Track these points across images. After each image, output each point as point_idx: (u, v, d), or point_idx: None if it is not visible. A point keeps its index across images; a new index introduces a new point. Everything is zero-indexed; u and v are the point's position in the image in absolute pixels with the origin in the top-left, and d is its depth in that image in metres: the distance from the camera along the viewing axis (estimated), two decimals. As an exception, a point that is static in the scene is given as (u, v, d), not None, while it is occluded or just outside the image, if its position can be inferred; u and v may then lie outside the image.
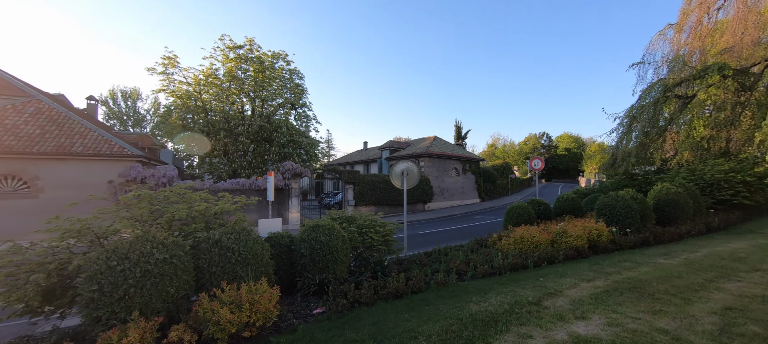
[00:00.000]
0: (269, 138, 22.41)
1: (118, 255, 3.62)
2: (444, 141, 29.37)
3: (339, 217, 6.99)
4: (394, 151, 29.04)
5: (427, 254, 7.92)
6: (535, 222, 9.24)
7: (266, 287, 4.01)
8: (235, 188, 16.35)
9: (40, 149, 12.89)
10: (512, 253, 6.72)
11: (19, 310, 3.83)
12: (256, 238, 4.74)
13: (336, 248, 5.45)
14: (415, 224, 17.99)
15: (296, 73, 24.04)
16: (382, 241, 6.52)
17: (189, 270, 4.14)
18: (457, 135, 42.63)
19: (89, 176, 13.63)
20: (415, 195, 22.82)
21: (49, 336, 3.76)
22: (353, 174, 19.50)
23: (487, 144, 77.92)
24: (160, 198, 5.05)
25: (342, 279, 5.50)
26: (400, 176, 8.93)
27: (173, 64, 20.60)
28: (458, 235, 13.83)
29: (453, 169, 27.07)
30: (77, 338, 3.67)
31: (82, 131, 14.26)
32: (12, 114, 13.67)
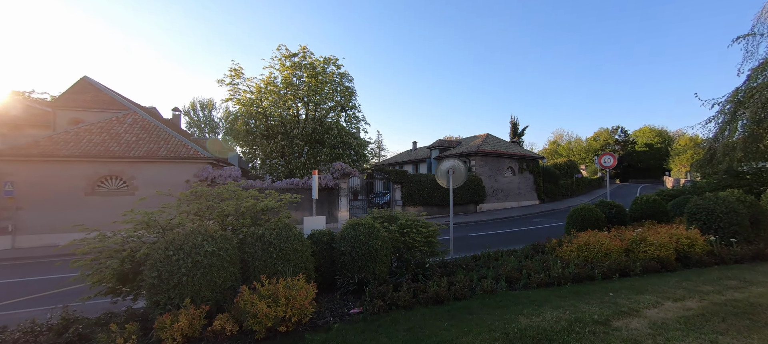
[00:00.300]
0: (321, 140, 23.47)
1: (175, 246, 3.96)
2: (497, 139, 27.66)
3: (380, 216, 6.89)
4: (443, 150, 28.23)
5: (474, 258, 7.40)
6: (604, 227, 8.04)
7: (303, 283, 4.04)
8: (289, 187, 17.37)
9: (135, 153, 15.18)
10: (575, 261, 5.89)
11: (104, 290, 4.44)
12: (297, 235, 4.84)
13: (375, 248, 5.33)
14: (465, 226, 17.18)
15: (346, 76, 24.81)
16: (424, 242, 6.24)
17: (235, 263, 4.37)
18: (513, 132, 39.89)
19: (172, 176, 15.65)
20: (466, 195, 21.84)
21: (123, 314, 4.27)
22: (401, 174, 19.37)
23: (549, 141, 71.62)
24: (213, 195, 5.46)
25: (381, 279, 5.36)
26: (446, 175, 8.51)
27: (238, 75, 22.70)
28: (512, 239, 12.80)
29: (508, 168, 25.34)
30: (143, 319, 4.10)
31: (166, 138, 16.47)
32: (115, 124, 16.37)
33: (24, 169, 13.94)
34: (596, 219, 8.16)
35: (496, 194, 24.18)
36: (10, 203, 13.70)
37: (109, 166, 14.94)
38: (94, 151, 14.75)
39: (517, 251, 7.92)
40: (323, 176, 17.78)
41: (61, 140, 14.75)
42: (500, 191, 24.47)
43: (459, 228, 16.48)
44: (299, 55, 23.23)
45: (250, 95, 22.61)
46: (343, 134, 23.66)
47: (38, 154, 13.95)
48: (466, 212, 22.11)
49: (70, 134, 15.17)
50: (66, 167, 14.39)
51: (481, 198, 22.85)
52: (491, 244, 11.55)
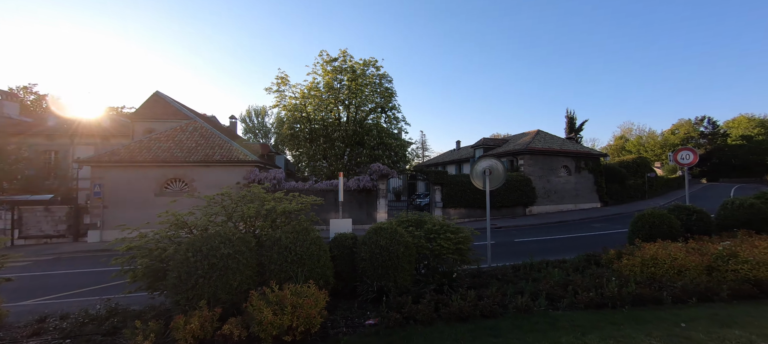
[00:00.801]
0: (361, 141, 23.72)
1: (194, 248, 4.07)
2: (550, 135, 25.32)
3: (407, 220, 6.54)
4: (488, 149, 26.70)
5: (514, 269, 6.66)
6: (680, 237, 6.68)
7: (314, 290, 3.88)
8: (328, 188, 17.78)
9: (194, 158, 16.77)
10: (636, 279, 4.92)
11: (144, 285, 4.77)
12: (314, 238, 4.73)
13: (396, 255, 5.01)
14: (511, 231, 15.93)
15: (385, 77, 24.74)
16: (453, 249, 5.73)
17: (252, 266, 4.38)
18: (570, 128, 36.34)
19: (225, 178, 16.96)
20: (513, 197, 20.31)
21: (152, 311, 4.54)
22: (441, 175, 18.67)
23: (614, 136, 63.89)
24: (240, 198, 5.61)
25: (403, 288, 5.01)
26: (482, 175, 7.84)
27: (284, 83, 23.87)
28: (565, 247, 11.48)
29: (562, 167, 23.04)
30: (168, 317, 4.29)
31: (220, 143, 17.95)
32: (179, 133, 18.28)
33: (109, 173, 16.21)
34: (669, 227, 6.81)
35: (548, 195, 22.13)
36: (98, 202, 16.02)
37: (174, 170, 16.70)
38: (161, 157, 16.61)
39: (566, 261, 6.96)
40: (362, 178, 17.87)
41: (136, 148, 16.89)
42: (553, 192, 22.33)
43: (504, 233, 15.32)
44: (339, 60, 23.72)
45: (295, 100, 23.61)
46: (382, 135, 23.63)
47: (118, 160, 16.11)
48: (514, 216, 20.55)
49: (144, 143, 17.30)
50: (140, 171, 16.41)
51: (530, 200, 21.08)
52: (538, 252, 10.46)
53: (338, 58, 23.62)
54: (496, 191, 19.55)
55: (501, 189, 19.66)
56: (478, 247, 11.66)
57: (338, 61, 23.64)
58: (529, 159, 21.72)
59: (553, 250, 10.83)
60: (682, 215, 7.49)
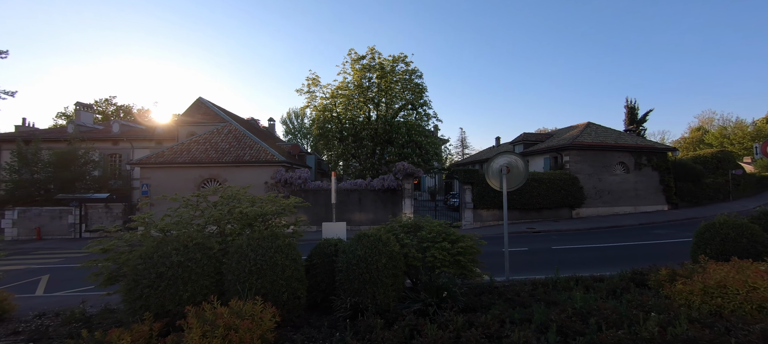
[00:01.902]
0: (390, 140, 23.13)
1: (144, 255, 3.80)
2: (603, 128, 22.34)
3: (405, 224, 5.78)
4: (529, 145, 24.44)
5: (533, 285, 5.55)
6: (765, 256, 5.01)
7: (259, 308, 3.36)
8: (352, 188, 17.47)
9: (227, 159, 17.57)
10: (694, 313, 3.65)
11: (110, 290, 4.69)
12: (280, 246, 4.23)
13: (376, 267, 4.32)
14: (550, 237, 14.16)
15: (415, 73, 23.83)
16: (450, 261, 4.87)
17: (209, 275, 4.02)
18: (630, 119, 31.97)
19: (254, 177, 17.53)
20: (556, 198, 18.18)
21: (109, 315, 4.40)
22: (471, 173, 17.32)
23: (690, 128, 55.03)
24: (214, 200, 5.34)
25: (383, 306, 4.31)
26: (499, 174, 6.75)
27: (315, 83, 24.09)
28: (612, 258, 9.74)
29: (618, 164, 20.14)
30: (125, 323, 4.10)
31: (250, 145, 18.61)
32: (215, 135, 19.34)
33: (154, 173, 17.64)
34: (750, 240, 5.14)
35: (600, 196, 19.48)
36: (146, 200, 17.50)
37: (209, 170, 17.66)
38: (198, 158, 17.66)
39: (603, 279, 5.65)
40: (386, 177, 17.28)
41: (177, 150, 18.17)
42: (606, 192, 19.60)
43: (541, 239, 13.65)
44: (367, 57, 23.33)
45: (326, 100, 23.71)
46: (412, 133, 22.79)
47: (162, 162, 17.45)
48: (557, 219, 18.41)
49: (184, 145, 18.56)
50: (181, 171, 17.60)
51: (577, 201, 18.72)
52: (577, 264, 9.01)
53: (366, 56, 23.25)
54: (536, 191, 17.78)
55: (541, 189, 17.73)
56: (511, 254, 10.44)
57: (366, 59, 23.28)
58: (576, 155, 19.30)
59: (595, 262, 9.22)
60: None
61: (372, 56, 23.27)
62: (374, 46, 23.08)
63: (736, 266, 4.21)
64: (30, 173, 18.50)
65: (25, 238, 17.89)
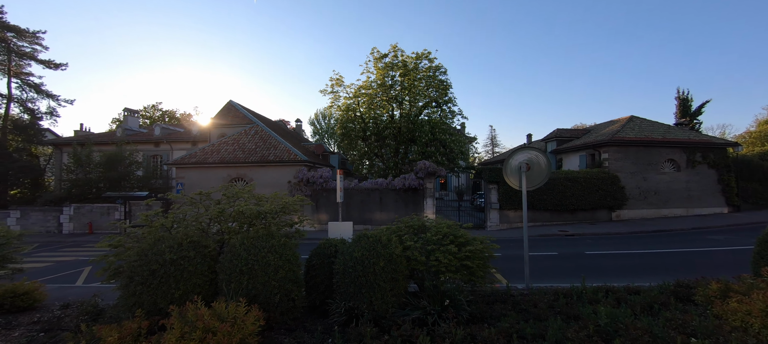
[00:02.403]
0: (413, 138, 22.71)
1: (141, 251, 3.83)
2: (648, 122, 20.29)
3: (412, 225, 5.44)
4: (563, 141, 22.86)
5: (555, 295, 4.99)
6: None
7: (241, 311, 3.22)
8: (373, 187, 17.30)
9: (253, 159, 18.16)
10: (751, 339, 2.98)
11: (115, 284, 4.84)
12: (273, 245, 4.10)
13: (373, 270, 4.05)
14: (585, 240, 13.04)
15: (439, 69, 23.22)
16: (457, 266, 4.47)
17: (202, 274, 3.98)
18: (682, 111, 28.88)
19: (278, 177, 17.98)
20: (593, 199, 16.76)
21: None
22: (497, 172, 16.44)
23: (757, 120, 48.54)
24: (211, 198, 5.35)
25: (381, 312, 4.03)
26: (518, 172, 6.18)
27: (339, 83, 24.22)
28: (655, 266, 8.69)
29: (667, 161, 18.18)
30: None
31: (275, 145, 19.10)
32: (243, 136, 20.09)
33: (188, 173, 18.66)
34: None
35: (645, 197, 17.69)
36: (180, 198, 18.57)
37: (237, 169, 18.36)
38: (227, 158, 18.42)
39: (640, 291, 4.94)
40: (407, 176, 16.91)
41: (208, 151, 19.10)
42: (652, 193, 17.76)
43: (573, 243, 12.60)
44: (390, 55, 23.08)
45: (349, 100, 23.76)
46: (435, 131, 22.21)
47: (194, 162, 18.41)
48: (594, 221, 16.97)
49: (215, 146, 19.47)
50: (211, 171, 18.47)
51: (618, 202, 17.13)
52: (612, 271, 8.14)
53: (389, 54, 23.01)
54: (570, 191, 16.48)
55: (575, 189, 16.46)
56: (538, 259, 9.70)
57: (389, 57, 23.02)
58: (616, 152, 17.66)
59: (634, 270, 8.26)
60: None
61: (395, 54, 22.99)
62: (396, 44, 22.77)
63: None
64: (84, 173, 20.37)
65: (79, 232, 19.74)
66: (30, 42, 22.67)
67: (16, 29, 21.89)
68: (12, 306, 5.27)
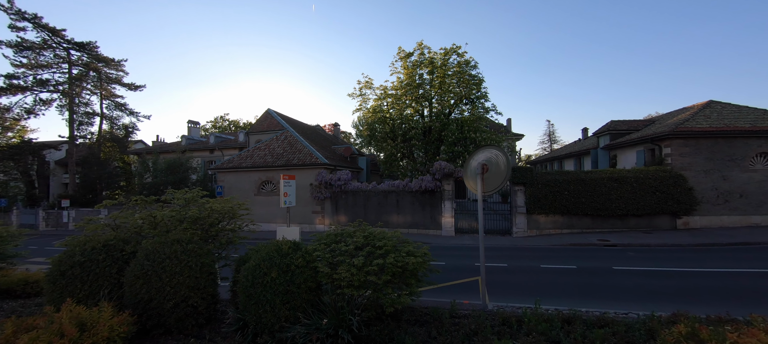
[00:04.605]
0: (441, 138, 21.73)
1: (66, 252, 4.20)
2: (732, 106, 16.29)
3: (347, 232, 5.05)
4: (617, 135, 19.66)
5: (504, 321, 4.17)
6: None
7: (105, 316, 3.29)
8: (389, 189, 16.95)
9: (279, 163, 19.23)
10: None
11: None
12: (175, 252, 4.16)
13: (262, 281, 3.86)
14: (626, 253, 10.97)
15: (469, 63, 21.88)
16: (360, 282, 4.00)
17: (110, 276, 4.21)
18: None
19: (302, 179, 18.70)
20: (648, 202, 14.03)
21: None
22: (524, 172, 14.77)
23: None
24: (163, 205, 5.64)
25: (269, 326, 3.80)
26: (475, 173, 5.35)
27: (369, 86, 24.31)
28: (701, 291, 6.81)
29: (759, 155, 14.39)
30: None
31: (300, 149, 19.96)
32: (274, 142, 21.41)
33: (227, 177, 20.54)
34: None
35: (725, 200, 14.24)
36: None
37: (266, 173, 19.63)
38: (258, 163, 19.81)
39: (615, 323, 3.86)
40: (424, 178, 16.19)
41: (244, 156, 20.77)
42: (736, 195, 14.20)
43: (610, 255, 10.64)
44: (416, 53, 22.48)
45: (377, 102, 23.70)
46: (464, 129, 20.92)
47: (231, 167, 20.18)
48: (650, 229, 14.20)
49: (250, 152, 21.11)
50: (245, 175, 20.06)
51: (683, 207, 14.06)
52: (639, 293, 6.64)
53: (414, 52, 22.41)
54: (616, 193, 14.07)
55: (623, 191, 14.05)
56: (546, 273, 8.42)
57: (415, 55, 22.42)
58: (682, 146, 14.52)
59: (659, 295, 6.62)
60: None
61: (421, 52, 22.31)
62: (422, 41, 22.10)
63: None
64: (152, 178, 23.81)
65: (147, 228, 23.18)
66: (115, 69, 27.30)
67: (105, 59, 26.55)
68: (22, 291, 6.25)
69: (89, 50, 25.87)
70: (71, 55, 25.96)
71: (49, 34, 24.66)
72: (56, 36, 24.83)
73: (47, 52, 25.19)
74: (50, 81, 25.54)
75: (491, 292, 6.78)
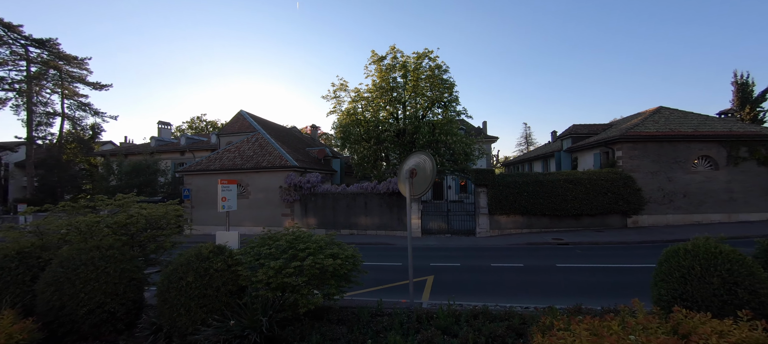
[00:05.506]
0: (413, 140, 22.08)
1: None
2: (679, 112, 17.47)
3: (273, 237, 5.17)
4: (578, 139, 20.63)
5: (419, 318, 4.41)
6: (749, 306, 2.96)
7: (4, 323, 3.29)
8: (358, 191, 17.13)
9: (248, 165, 19.02)
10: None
11: None
12: (92, 258, 4.16)
13: (177, 285, 3.93)
14: (574, 251, 11.59)
15: (440, 68, 22.35)
16: (277, 284, 4.14)
17: (24, 283, 4.17)
18: (740, 99, 24.43)
19: (271, 182, 18.61)
20: (601, 203, 14.82)
21: None
22: (485, 174, 15.30)
23: None
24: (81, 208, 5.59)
25: (183, 330, 3.88)
26: (406, 178, 5.61)
27: (344, 89, 24.33)
28: (633, 285, 7.33)
29: (700, 157, 15.49)
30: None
31: (270, 151, 19.81)
32: (244, 144, 21.15)
33: (194, 180, 20.11)
34: (725, 280, 3.10)
35: (670, 200, 15.23)
36: (187, 203, 20.06)
37: (236, 176, 19.34)
38: (227, 165, 19.52)
39: (513, 316, 4.17)
40: (391, 180, 16.48)
41: (212, 158, 20.41)
42: (680, 195, 15.22)
43: (560, 254, 11.20)
44: (389, 57, 22.72)
45: (352, 104, 23.77)
46: (435, 132, 21.35)
47: (199, 169, 19.78)
48: (602, 228, 15.00)
49: (219, 154, 20.76)
50: (214, 177, 19.66)
51: (633, 207, 14.94)
52: (576, 289, 7.09)
53: (387, 56, 22.67)
54: (572, 194, 14.76)
55: (578, 192, 14.76)
56: (494, 271, 8.79)
57: (388, 59, 22.67)
58: (631, 149, 15.44)
59: (592, 289, 7.11)
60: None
61: (394, 55, 22.59)
62: (395, 45, 22.41)
63: (595, 326, 2.62)
64: (116, 181, 22.97)
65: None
66: (78, 67, 26.19)
67: (67, 57, 25.45)
68: None
69: (49, 47, 24.74)
70: (30, 53, 24.75)
71: (4, 29, 23.41)
72: (12, 32, 23.62)
73: (2, 49, 23.92)
74: (6, 79, 24.24)
75: (439, 291, 7.12)
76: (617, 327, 2.65)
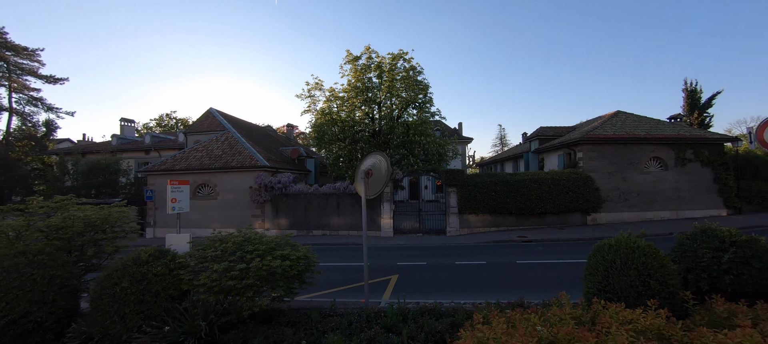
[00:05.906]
0: (387, 141, 22.18)
1: None
2: (634, 116, 18.65)
3: (220, 239, 5.03)
4: (545, 140, 21.54)
5: (364, 317, 4.44)
6: (659, 296, 3.24)
7: None
8: (331, 192, 17.01)
9: (217, 165, 18.38)
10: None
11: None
12: (17, 264, 3.88)
13: (111, 292, 3.75)
14: (536, 248, 12.06)
15: (415, 69, 22.57)
16: (219, 288, 4.04)
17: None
18: (690, 105, 26.42)
19: (240, 182, 18.08)
20: (563, 201, 15.54)
21: None
22: (455, 174, 15.65)
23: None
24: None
25: (117, 337, 3.70)
26: (362, 179, 5.64)
27: (318, 87, 24.04)
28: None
29: (651, 159, 16.59)
30: None
31: (240, 150, 19.25)
32: (213, 143, 20.42)
33: (157, 180, 19.17)
34: (640, 273, 3.36)
35: (625, 198, 16.22)
36: (151, 205, 19.12)
37: (203, 176, 18.65)
38: (194, 165, 18.75)
39: (458, 313, 4.29)
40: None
41: (178, 158, 19.55)
42: (634, 194, 16.24)
43: (522, 250, 11.64)
44: (364, 57, 22.71)
45: (326, 104, 23.53)
46: (410, 132, 21.55)
47: (164, 169, 18.89)
48: (564, 226, 15.73)
49: (185, 153, 19.91)
50: (179, 178, 18.88)
51: (593, 205, 15.79)
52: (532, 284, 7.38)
53: (362, 56, 22.66)
54: (536, 193, 15.37)
55: (542, 191, 15.38)
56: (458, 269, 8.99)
57: (363, 59, 22.65)
58: (591, 151, 16.31)
59: (548, 284, 7.52)
60: (703, 249, 3.75)
61: (369, 55, 22.59)
62: (370, 45, 22.43)
63: (516, 318, 2.77)
64: (71, 181, 21.47)
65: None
66: (28, 59, 24.28)
67: (15, 47, 23.53)
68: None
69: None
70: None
71: (-61, 15, 21.24)
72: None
73: (-63, 37, 21.73)
74: (-59, 70, 22.05)
75: (402, 289, 7.19)
76: (536, 318, 2.79)
